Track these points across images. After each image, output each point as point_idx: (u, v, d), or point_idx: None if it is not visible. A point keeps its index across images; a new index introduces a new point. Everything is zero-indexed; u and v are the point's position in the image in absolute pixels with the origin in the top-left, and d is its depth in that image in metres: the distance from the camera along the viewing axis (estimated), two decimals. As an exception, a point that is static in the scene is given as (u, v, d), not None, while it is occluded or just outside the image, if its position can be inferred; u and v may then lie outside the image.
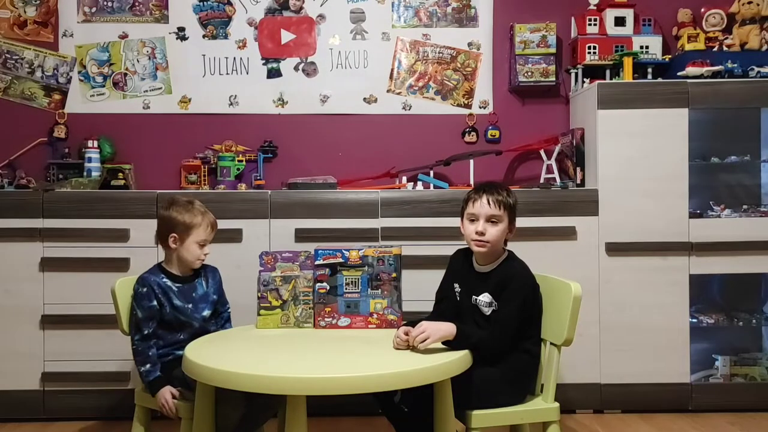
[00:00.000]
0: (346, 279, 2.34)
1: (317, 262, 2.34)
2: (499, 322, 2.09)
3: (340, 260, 2.33)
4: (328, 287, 2.34)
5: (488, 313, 2.14)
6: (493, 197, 2.15)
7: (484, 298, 2.15)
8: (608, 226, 3.08)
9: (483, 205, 2.16)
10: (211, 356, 1.92)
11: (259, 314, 2.35)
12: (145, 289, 2.27)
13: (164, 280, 2.32)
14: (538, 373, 2.20)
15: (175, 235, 2.33)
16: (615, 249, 3.07)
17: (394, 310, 2.33)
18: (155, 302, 2.27)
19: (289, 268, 2.37)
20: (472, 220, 2.18)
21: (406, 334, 1.99)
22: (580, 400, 3.08)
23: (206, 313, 2.36)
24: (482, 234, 2.14)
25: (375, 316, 2.33)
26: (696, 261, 3.08)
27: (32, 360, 3.00)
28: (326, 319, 2.34)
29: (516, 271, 2.16)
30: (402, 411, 2.15)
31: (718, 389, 3.13)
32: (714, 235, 3.08)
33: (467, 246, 2.27)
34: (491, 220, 2.15)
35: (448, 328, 1.99)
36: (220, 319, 2.46)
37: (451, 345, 1.99)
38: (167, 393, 2.18)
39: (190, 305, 2.32)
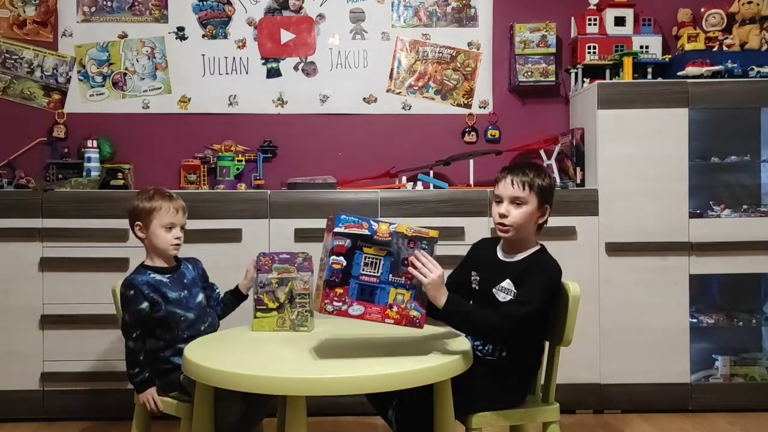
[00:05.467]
0: (365, 258, 1.84)
1: (337, 230, 1.82)
2: (515, 302, 1.96)
3: (366, 232, 1.83)
4: (344, 263, 1.82)
5: (504, 301, 2.02)
6: (517, 177, 2.01)
7: (505, 285, 2.03)
8: (608, 226, 3.08)
9: (506, 186, 2.02)
10: (211, 356, 1.91)
11: (255, 317, 2.28)
12: (132, 292, 2.21)
13: (152, 275, 2.27)
14: (538, 373, 2.18)
15: (139, 223, 2.28)
16: (615, 249, 3.07)
17: (418, 306, 1.87)
18: (145, 305, 2.21)
19: (285, 269, 2.29)
20: (498, 202, 2.05)
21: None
22: (580, 400, 3.08)
23: (200, 297, 2.32)
24: (504, 216, 2.01)
25: (395, 309, 1.84)
26: (696, 261, 3.08)
27: (31, 360, 3.00)
28: (335, 303, 1.81)
29: (546, 263, 2.05)
30: (392, 425, 2.09)
31: (718, 389, 3.14)
32: (714, 235, 3.08)
33: (493, 236, 2.19)
34: (515, 201, 2.01)
35: (445, 293, 1.88)
36: (214, 301, 2.42)
37: (442, 314, 1.89)
38: (153, 391, 2.21)
39: (185, 292, 2.28)
